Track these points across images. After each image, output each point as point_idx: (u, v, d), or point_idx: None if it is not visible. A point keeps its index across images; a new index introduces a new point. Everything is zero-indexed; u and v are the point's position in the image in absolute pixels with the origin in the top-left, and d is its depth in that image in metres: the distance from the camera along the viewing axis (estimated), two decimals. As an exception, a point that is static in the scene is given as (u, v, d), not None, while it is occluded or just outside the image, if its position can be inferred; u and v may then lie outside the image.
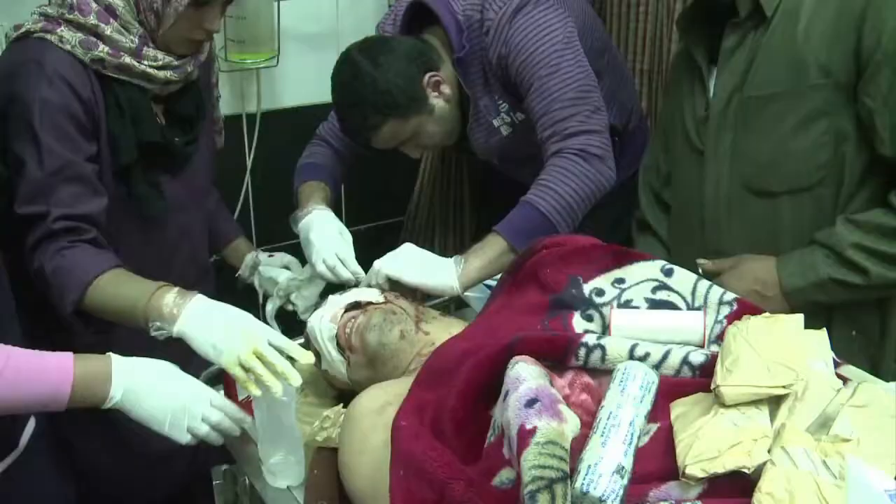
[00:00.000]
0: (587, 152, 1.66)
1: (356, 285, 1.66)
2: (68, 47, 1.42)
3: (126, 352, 1.26)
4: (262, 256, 1.87)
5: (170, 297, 1.34)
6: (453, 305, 1.94)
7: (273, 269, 1.85)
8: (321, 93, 2.19)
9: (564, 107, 1.67)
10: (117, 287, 1.40)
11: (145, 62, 1.48)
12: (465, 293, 1.85)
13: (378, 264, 1.61)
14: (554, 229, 1.63)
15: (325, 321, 1.50)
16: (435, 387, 1.18)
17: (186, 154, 1.65)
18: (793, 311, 1.40)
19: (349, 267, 1.68)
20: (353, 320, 1.47)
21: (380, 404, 1.24)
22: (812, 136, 1.39)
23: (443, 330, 1.44)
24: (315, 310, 1.59)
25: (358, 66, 1.68)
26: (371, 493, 1.17)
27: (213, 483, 1.44)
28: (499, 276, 1.60)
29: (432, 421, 1.12)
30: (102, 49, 1.44)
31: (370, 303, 1.51)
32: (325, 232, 1.74)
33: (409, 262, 1.61)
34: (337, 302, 1.54)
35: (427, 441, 1.05)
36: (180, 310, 1.33)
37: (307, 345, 1.59)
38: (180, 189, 1.64)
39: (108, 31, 1.44)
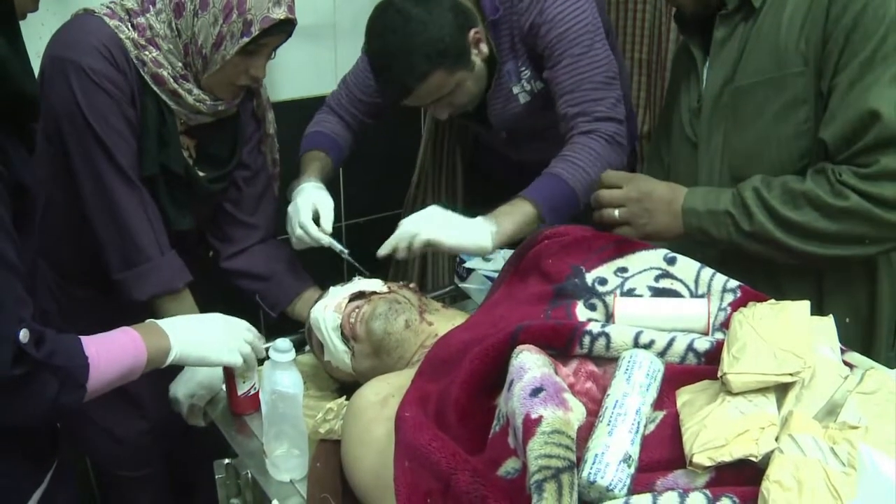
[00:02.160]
0: (615, 140, 1.70)
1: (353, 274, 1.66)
2: (122, 35, 1.47)
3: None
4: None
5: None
6: (448, 299, 1.93)
7: None
8: (317, 85, 2.19)
9: (595, 88, 1.70)
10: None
11: (177, 85, 1.51)
12: (464, 285, 1.86)
13: (413, 227, 1.58)
14: (577, 205, 1.65)
15: (328, 311, 1.50)
16: (438, 377, 1.17)
17: (210, 191, 1.67)
18: (685, 236, 1.44)
19: (321, 228, 1.70)
20: (357, 310, 1.46)
21: (382, 396, 1.24)
22: (793, 124, 1.38)
23: (446, 321, 1.43)
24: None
25: (408, 13, 1.62)
26: (374, 485, 1.16)
27: (216, 477, 1.43)
28: (499, 268, 1.59)
29: (436, 411, 1.11)
30: (148, 53, 1.49)
31: (374, 293, 1.50)
32: (301, 203, 1.74)
33: (442, 223, 1.60)
34: (340, 292, 1.54)
35: (431, 432, 1.04)
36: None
37: (309, 336, 1.58)
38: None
39: (153, 53, 1.49)
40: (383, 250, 1.61)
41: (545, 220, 1.60)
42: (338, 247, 1.73)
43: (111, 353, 1.21)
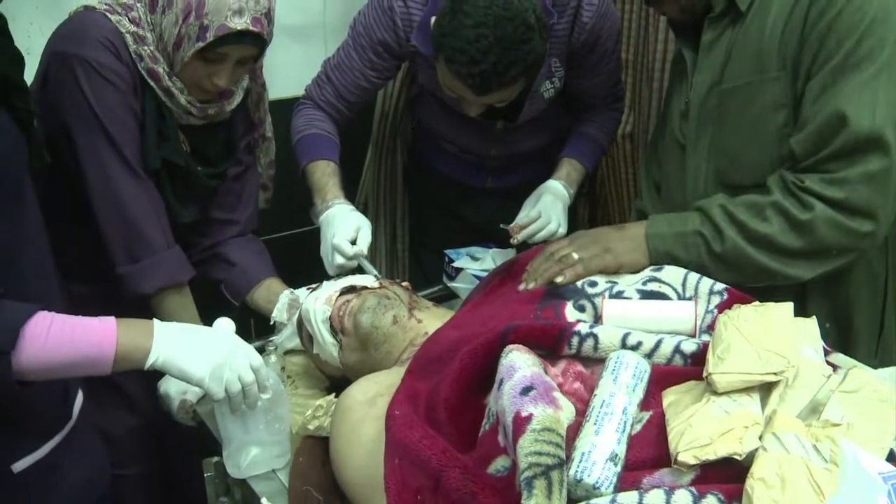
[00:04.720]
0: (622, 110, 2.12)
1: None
2: (123, 30, 1.47)
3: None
4: (303, 292, 1.72)
5: None
6: (436, 298, 1.93)
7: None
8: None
9: (618, 80, 2.02)
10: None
11: (171, 83, 1.51)
12: (453, 284, 1.86)
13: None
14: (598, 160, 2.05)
15: (319, 303, 1.50)
16: (428, 376, 1.18)
17: (208, 186, 1.67)
18: (650, 264, 1.42)
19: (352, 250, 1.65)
20: (347, 303, 1.47)
21: (371, 396, 1.24)
22: (773, 128, 1.38)
23: (435, 319, 1.43)
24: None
25: (517, 9, 1.52)
26: (363, 484, 1.17)
27: (204, 475, 1.44)
28: (488, 267, 1.60)
29: (426, 410, 1.12)
30: (146, 48, 1.48)
31: (365, 287, 1.51)
32: (341, 230, 1.69)
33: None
34: (332, 285, 1.54)
35: (422, 429, 1.05)
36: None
37: (299, 328, 1.59)
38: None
39: (150, 48, 1.49)
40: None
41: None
42: (373, 272, 1.65)
43: (70, 334, 1.10)
